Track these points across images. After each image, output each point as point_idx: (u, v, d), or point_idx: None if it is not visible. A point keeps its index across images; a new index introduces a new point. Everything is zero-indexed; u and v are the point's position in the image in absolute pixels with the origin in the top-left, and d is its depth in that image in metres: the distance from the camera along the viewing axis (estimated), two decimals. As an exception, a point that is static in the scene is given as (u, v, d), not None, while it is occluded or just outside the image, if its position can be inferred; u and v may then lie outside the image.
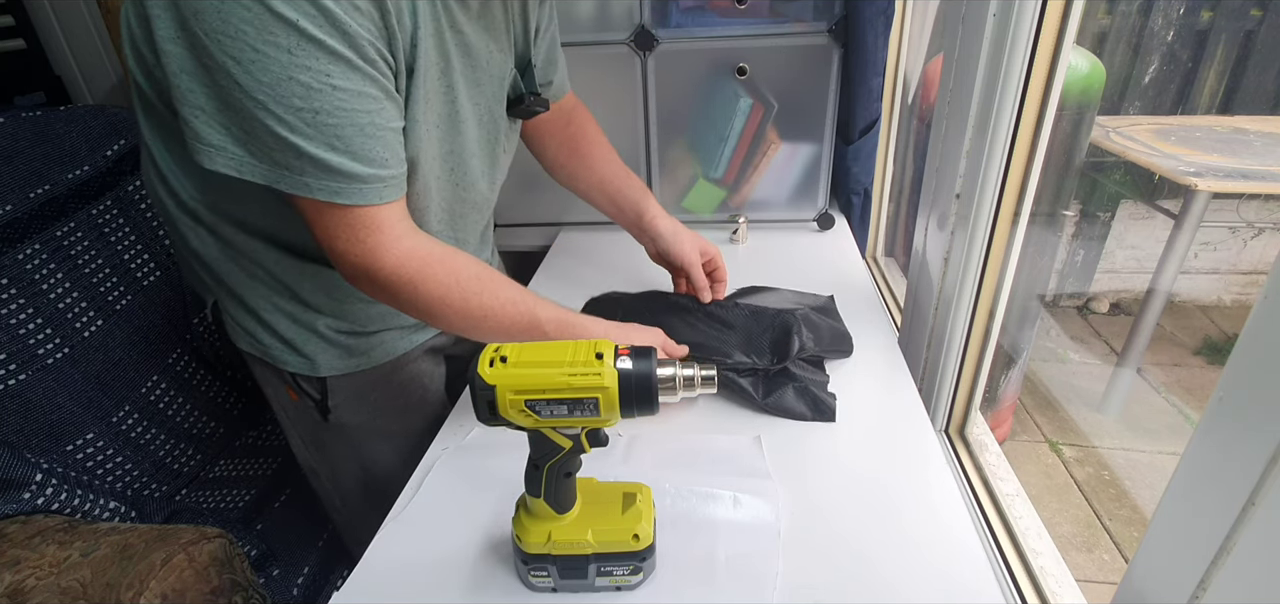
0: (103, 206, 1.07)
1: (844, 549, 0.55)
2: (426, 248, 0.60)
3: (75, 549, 0.77)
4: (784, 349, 0.76)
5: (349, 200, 0.55)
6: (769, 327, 0.81)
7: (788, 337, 0.77)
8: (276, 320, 0.71)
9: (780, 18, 1.05)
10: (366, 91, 0.52)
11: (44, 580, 0.72)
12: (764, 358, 0.76)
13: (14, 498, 0.84)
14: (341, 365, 0.74)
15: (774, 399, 0.71)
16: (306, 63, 0.49)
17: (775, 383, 0.73)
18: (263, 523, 1.07)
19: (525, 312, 0.65)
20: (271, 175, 0.53)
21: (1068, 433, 2.06)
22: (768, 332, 0.80)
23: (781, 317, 0.81)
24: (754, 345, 0.78)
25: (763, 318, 0.83)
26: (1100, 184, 2.45)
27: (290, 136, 0.51)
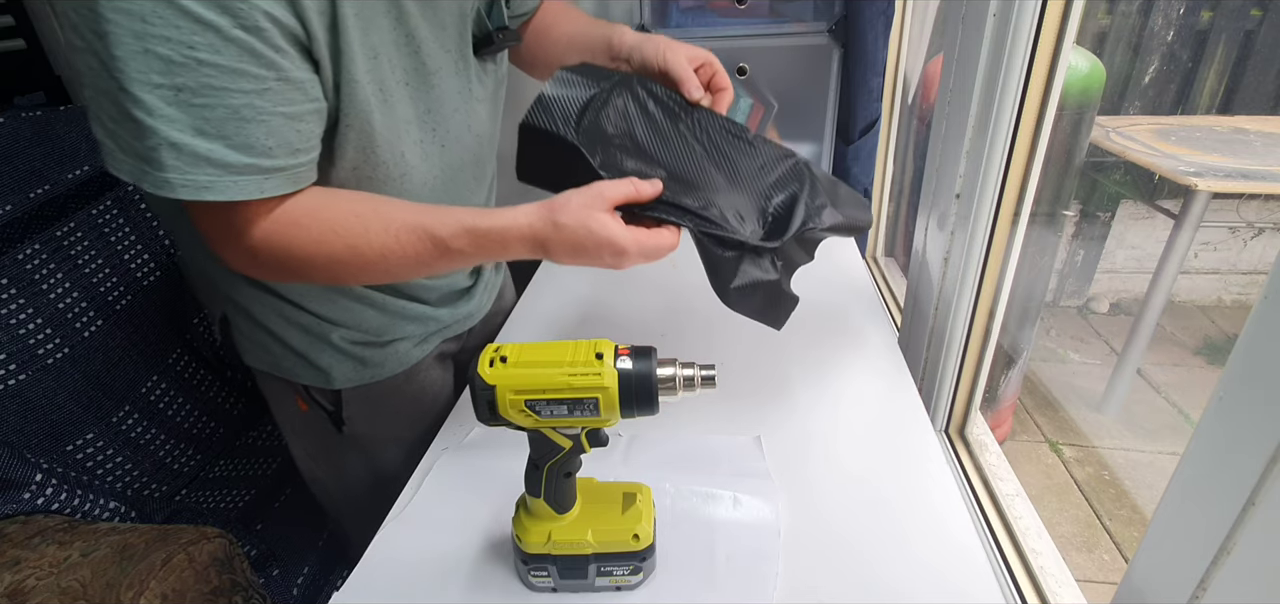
0: (103, 206, 1.07)
1: (844, 549, 0.55)
2: (290, 205, 0.52)
3: (75, 549, 0.77)
4: (784, 218, 0.59)
5: (218, 196, 0.47)
6: (772, 175, 0.63)
7: (792, 205, 0.60)
8: (288, 334, 0.68)
9: (780, 18, 1.05)
10: (244, 68, 0.45)
11: (44, 580, 0.73)
12: (752, 223, 0.60)
13: (14, 498, 0.84)
14: (356, 377, 0.72)
15: (742, 286, 0.57)
16: (164, 32, 0.42)
17: (751, 264, 0.57)
18: (263, 523, 1.07)
19: (423, 237, 0.54)
20: (135, 171, 0.46)
21: (1068, 433, 2.06)
22: (769, 179, 0.63)
23: (792, 164, 0.64)
24: (746, 197, 0.61)
25: (768, 156, 0.64)
26: (1100, 184, 2.45)
27: (148, 120, 0.43)
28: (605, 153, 0.58)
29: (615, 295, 1.00)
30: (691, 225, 0.56)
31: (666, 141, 0.62)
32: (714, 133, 0.64)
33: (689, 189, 0.59)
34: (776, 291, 0.59)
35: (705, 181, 0.60)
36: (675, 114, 0.64)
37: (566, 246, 0.54)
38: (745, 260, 0.57)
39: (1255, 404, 0.34)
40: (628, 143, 0.61)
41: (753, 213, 0.60)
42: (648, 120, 0.62)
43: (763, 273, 0.58)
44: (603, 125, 0.60)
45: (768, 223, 0.60)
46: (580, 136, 0.57)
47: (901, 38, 1.26)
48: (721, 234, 0.56)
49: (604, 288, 1.02)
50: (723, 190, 0.60)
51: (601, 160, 0.57)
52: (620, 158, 0.59)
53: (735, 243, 0.56)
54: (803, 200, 0.60)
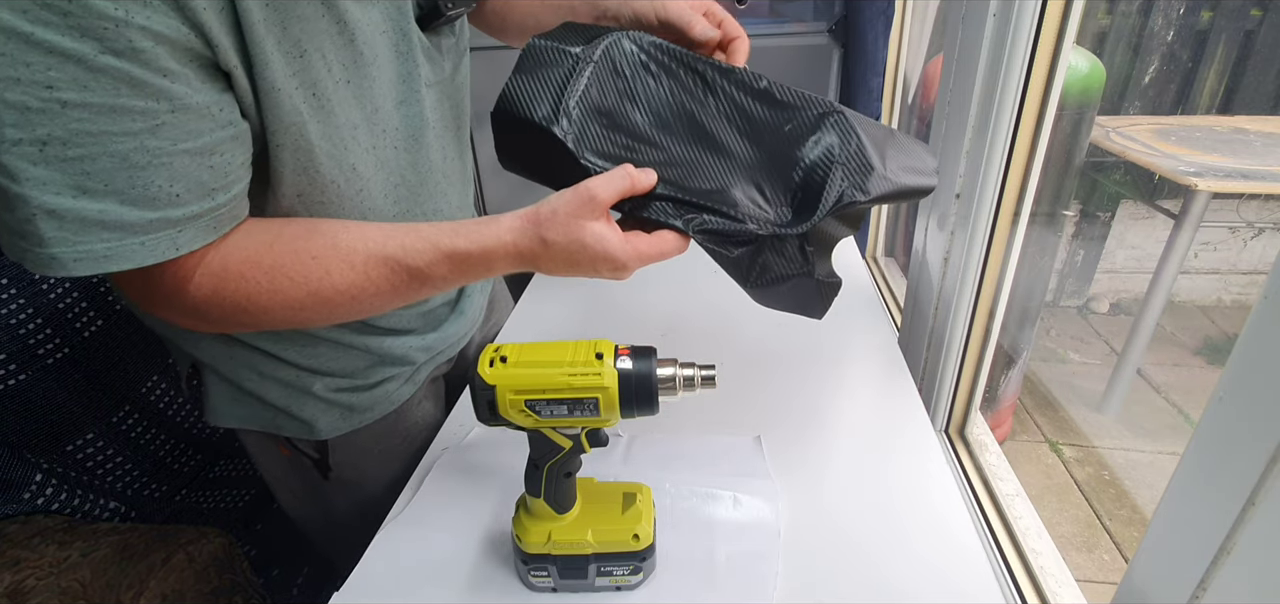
0: (103, 206, 1.07)
1: (844, 549, 0.55)
2: (225, 253, 0.44)
3: (75, 549, 0.77)
4: (815, 194, 0.48)
5: (124, 265, 0.38)
6: (805, 139, 0.50)
7: (825, 177, 0.48)
8: (265, 389, 0.60)
9: (780, 18, 1.05)
10: (124, 103, 0.35)
11: (44, 580, 0.73)
12: (778, 203, 0.50)
13: (14, 498, 0.84)
14: (343, 425, 0.65)
15: (764, 284, 0.50)
16: (11, 72, 0.33)
17: (772, 255, 0.48)
18: (263, 523, 1.07)
19: (395, 268, 0.47)
20: (15, 249, 0.37)
21: (1068, 433, 2.06)
22: (800, 145, 0.50)
23: (831, 120, 0.51)
24: (771, 172, 0.50)
25: (799, 114, 0.52)
26: (1100, 184, 2.45)
27: (12, 187, 0.35)
28: (592, 136, 0.49)
29: (615, 295, 1.00)
30: (693, 227, 0.49)
31: (668, 112, 0.51)
32: (728, 92, 0.52)
33: (696, 171, 0.49)
34: (806, 285, 0.50)
35: (717, 160, 0.50)
36: (677, 75, 0.52)
37: (557, 262, 0.48)
38: (765, 254, 0.48)
39: (1255, 404, 0.34)
40: (619, 119, 0.50)
41: (779, 190, 0.50)
42: (643, 87, 0.51)
43: (787, 266, 0.49)
44: (587, 101, 0.49)
45: (796, 200, 0.49)
46: (560, 123, 0.48)
47: (901, 38, 1.26)
48: (729, 229, 0.47)
49: (604, 287, 1.02)
50: (740, 168, 0.50)
51: (590, 147, 0.49)
52: (610, 140, 0.49)
53: (748, 236, 0.47)
54: (838, 167, 0.48)
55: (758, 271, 0.49)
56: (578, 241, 0.47)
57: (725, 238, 0.48)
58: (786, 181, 0.50)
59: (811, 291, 0.51)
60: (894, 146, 0.52)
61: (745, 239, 0.47)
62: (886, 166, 0.49)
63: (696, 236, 0.49)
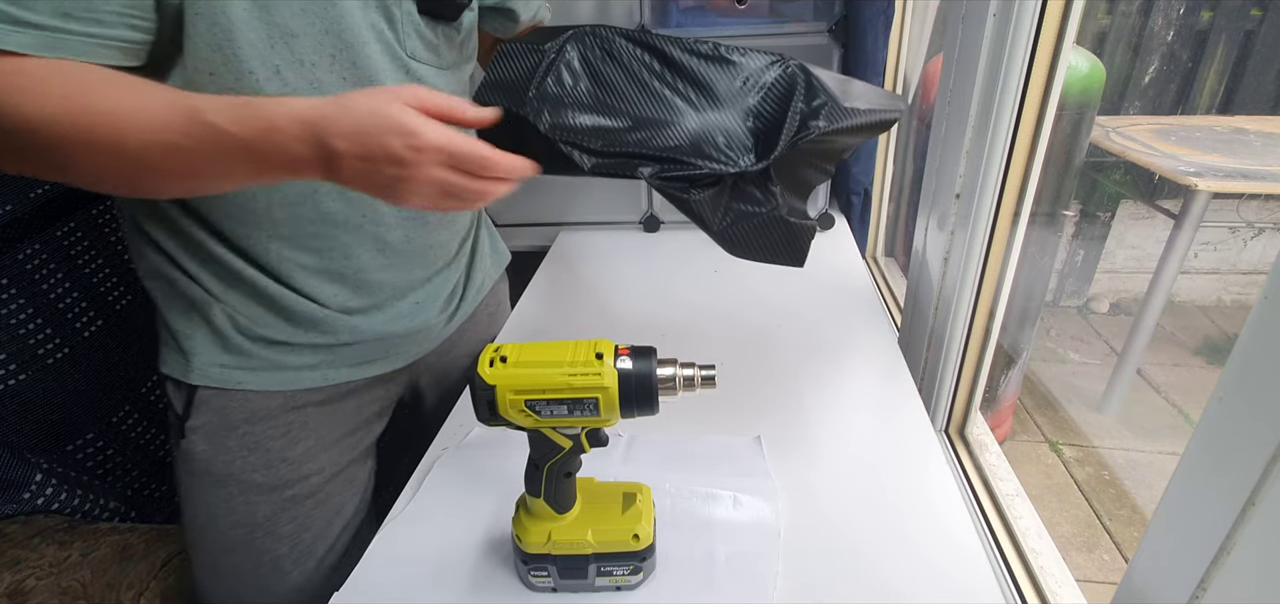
0: (102, 207, 1.07)
1: (844, 549, 0.55)
2: (38, 64, 0.41)
3: (75, 549, 0.77)
4: (773, 132, 0.49)
5: None
6: (759, 89, 0.52)
7: (782, 114, 0.49)
8: (173, 311, 0.59)
9: (780, 18, 1.05)
10: None
11: (44, 580, 0.73)
12: (739, 150, 0.50)
13: (14, 498, 0.84)
14: (220, 372, 0.58)
15: (733, 227, 0.49)
16: None
17: (741, 201, 0.49)
18: (263, 523, 1.07)
19: (180, 109, 0.42)
20: None
21: (1068, 433, 2.06)
22: (755, 95, 0.52)
23: (784, 70, 0.54)
24: (728, 122, 0.52)
25: (753, 67, 0.55)
26: (1100, 184, 2.46)
27: None
28: (556, 114, 0.51)
29: (615, 295, 1.00)
30: (656, 175, 0.49)
31: (632, 87, 0.53)
32: (686, 62, 0.54)
33: (661, 132, 0.51)
34: (774, 224, 0.49)
35: (680, 120, 0.52)
36: (638, 55, 0.55)
37: (347, 133, 0.42)
38: (730, 195, 0.48)
39: (1255, 404, 0.34)
40: (582, 98, 0.53)
41: (739, 138, 0.51)
42: (608, 69, 0.53)
43: (751, 205, 0.49)
44: (549, 89, 0.52)
45: (758, 144, 0.50)
46: (531, 106, 0.50)
47: (901, 38, 1.26)
48: (692, 173, 0.47)
49: (604, 288, 1.03)
50: (702, 125, 0.51)
51: (562, 128, 0.51)
52: (573, 115, 0.51)
53: (711, 176, 0.47)
54: (796, 104, 0.49)
55: (723, 214, 0.48)
56: (375, 109, 0.42)
57: (689, 182, 0.48)
58: (743, 130, 0.51)
59: (783, 233, 0.50)
60: (852, 86, 0.53)
61: (709, 180, 0.47)
62: (845, 98, 0.50)
63: (659, 183, 0.49)
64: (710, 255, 1.09)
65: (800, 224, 0.52)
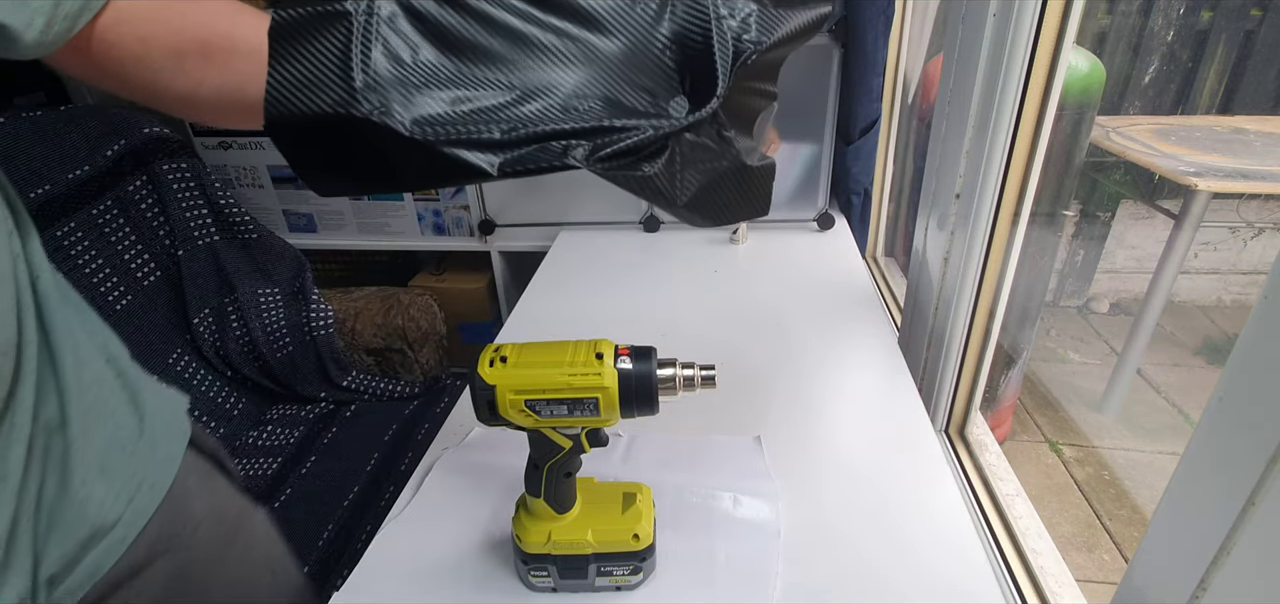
0: (103, 206, 1.07)
1: (844, 549, 0.55)
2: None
3: (75, 549, 0.77)
4: (703, 65, 0.38)
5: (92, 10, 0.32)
6: (665, 13, 0.39)
7: (706, 42, 0.37)
8: None
9: (780, 18, 1.05)
10: None
11: (44, 580, 0.72)
12: (673, 100, 0.39)
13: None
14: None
15: (693, 194, 0.40)
16: None
17: (697, 158, 0.39)
18: (263, 523, 1.07)
19: None
20: None
21: (1068, 433, 2.06)
22: (664, 23, 0.39)
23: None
24: (643, 67, 0.39)
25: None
26: (1100, 184, 2.45)
27: None
28: (410, 105, 0.35)
29: (615, 295, 1.00)
30: (593, 160, 0.36)
31: (489, 41, 0.37)
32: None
33: (560, 94, 0.37)
34: (737, 174, 0.41)
35: (583, 70, 0.38)
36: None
37: None
38: (680, 157, 0.38)
39: (1255, 404, 0.34)
40: (435, 72, 0.36)
41: (662, 81, 0.39)
42: (445, 19, 0.37)
43: (711, 159, 0.39)
44: (380, 69, 0.35)
45: (687, 82, 0.39)
46: (362, 101, 0.34)
47: (901, 38, 1.26)
48: (630, 143, 0.36)
49: (604, 288, 1.03)
50: (612, 70, 0.38)
51: (414, 115, 0.34)
52: (434, 101, 0.36)
53: (656, 142, 0.36)
54: (719, 19, 0.38)
55: (680, 182, 0.39)
56: None
57: (631, 155, 0.36)
58: (664, 68, 0.39)
59: (746, 183, 0.43)
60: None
61: (654, 147, 0.37)
62: (772, 2, 0.40)
63: (600, 166, 0.37)
64: (710, 255, 1.09)
65: (761, 166, 0.43)
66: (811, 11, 0.41)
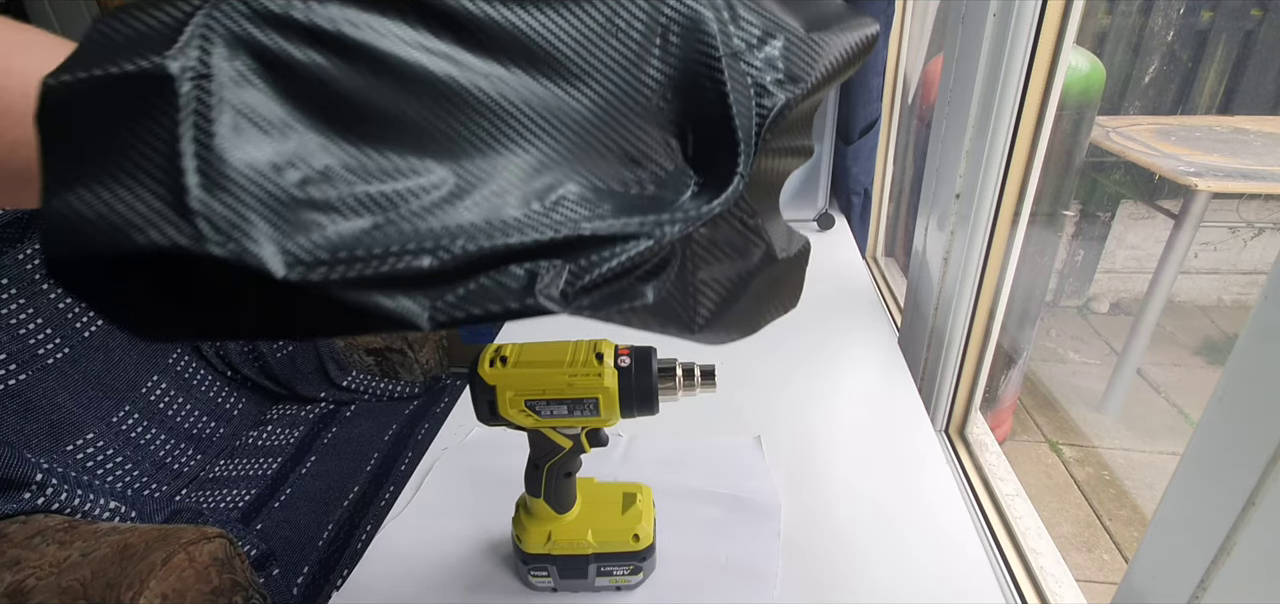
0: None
1: (844, 549, 0.55)
2: None
3: (75, 549, 0.77)
4: (716, 120, 0.25)
5: None
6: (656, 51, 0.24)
7: (722, 101, 0.24)
8: None
9: (780, 18, 1.05)
10: None
11: (44, 580, 0.73)
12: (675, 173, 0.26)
13: (14, 498, 0.84)
14: None
15: (716, 313, 0.28)
16: None
17: (705, 260, 0.27)
18: (263, 523, 1.07)
19: None
20: None
21: (1068, 433, 2.06)
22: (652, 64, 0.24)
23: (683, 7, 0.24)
24: (624, 125, 0.25)
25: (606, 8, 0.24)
26: (1100, 184, 2.45)
27: None
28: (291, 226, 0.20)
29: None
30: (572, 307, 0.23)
31: (403, 102, 0.23)
32: (489, 16, 0.23)
33: (502, 184, 0.23)
34: (771, 271, 0.31)
35: (536, 143, 0.24)
36: (383, 19, 0.22)
37: None
38: (693, 265, 0.27)
39: (1255, 404, 0.34)
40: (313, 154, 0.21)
41: (656, 145, 0.26)
42: (327, 71, 0.22)
43: (735, 264, 0.28)
44: (233, 167, 0.19)
45: (692, 147, 0.27)
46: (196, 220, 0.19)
47: (901, 38, 1.26)
48: (620, 263, 0.23)
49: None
50: (576, 138, 0.25)
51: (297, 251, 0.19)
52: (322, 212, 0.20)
53: (654, 255, 0.24)
54: (734, 55, 0.25)
55: (697, 300, 0.28)
56: None
57: (625, 276, 0.24)
58: (658, 124, 0.26)
59: (778, 279, 0.32)
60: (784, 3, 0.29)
61: (654, 262, 0.25)
62: (791, 11, 0.28)
63: (582, 309, 0.24)
64: (710, 255, 1.09)
65: (796, 253, 0.33)
66: (858, 31, 0.29)
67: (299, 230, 0.21)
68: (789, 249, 0.32)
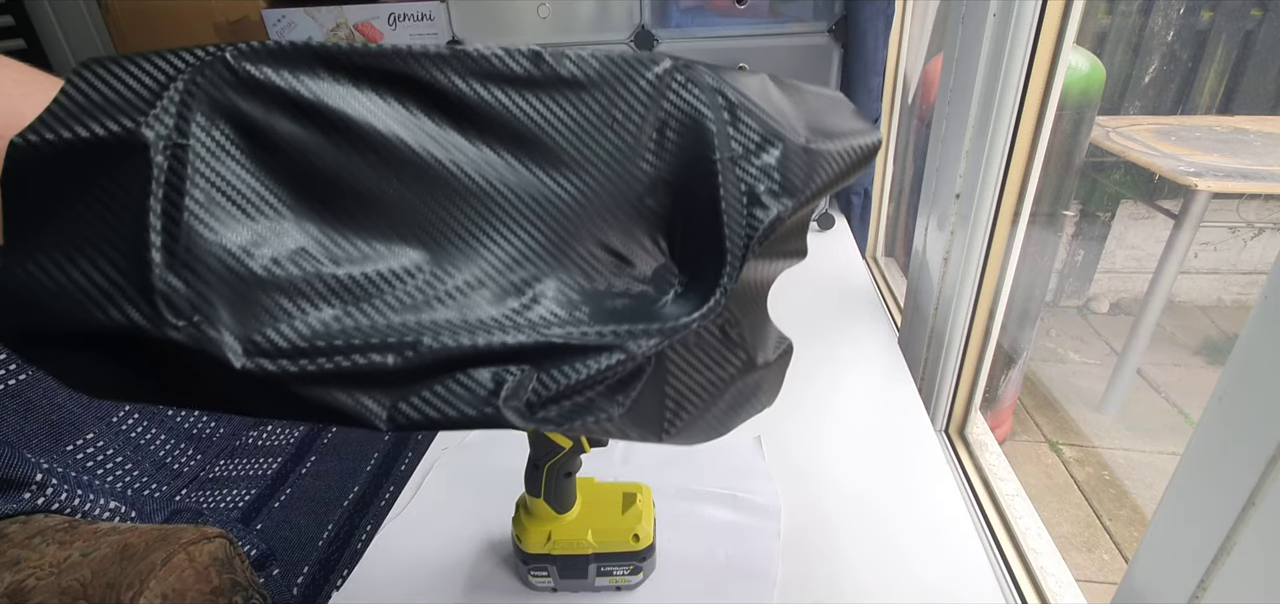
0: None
1: (844, 549, 0.55)
2: None
3: (75, 549, 0.77)
4: (705, 223, 0.24)
5: None
6: (648, 144, 0.24)
7: (713, 198, 0.23)
8: None
9: (780, 18, 1.05)
10: None
11: (44, 581, 0.73)
12: (658, 274, 0.25)
13: (14, 498, 0.84)
14: None
15: (688, 420, 0.27)
16: None
17: (689, 368, 0.26)
18: (263, 523, 1.07)
19: None
20: None
21: (1068, 433, 2.06)
22: (644, 158, 0.24)
23: (678, 82, 0.24)
24: (605, 220, 0.24)
25: (601, 101, 0.23)
26: (1100, 184, 2.45)
27: None
28: (248, 311, 0.19)
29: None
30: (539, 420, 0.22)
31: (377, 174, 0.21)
32: (479, 99, 0.22)
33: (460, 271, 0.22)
34: (748, 381, 0.29)
35: (512, 232, 0.23)
36: (363, 102, 0.21)
37: None
38: (667, 376, 0.26)
39: (1255, 404, 0.34)
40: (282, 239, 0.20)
41: (636, 240, 0.25)
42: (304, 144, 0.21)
43: (713, 372, 0.27)
44: (201, 240, 0.19)
45: (678, 248, 0.25)
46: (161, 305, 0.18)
47: (901, 38, 1.26)
48: (585, 376, 0.22)
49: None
50: (550, 238, 0.23)
51: (258, 337, 0.19)
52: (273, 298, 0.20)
53: (624, 368, 0.23)
54: (728, 164, 0.24)
55: (670, 411, 0.26)
56: None
57: (593, 391, 0.23)
58: (643, 221, 0.25)
59: (756, 384, 0.31)
60: (795, 98, 0.28)
61: (624, 374, 0.23)
62: (794, 126, 0.26)
63: (546, 423, 0.22)
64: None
65: (777, 358, 0.32)
66: (860, 139, 0.27)
67: (263, 317, 0.20)
68: (771, 355, 0.31)
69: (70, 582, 0.73)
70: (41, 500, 0.86)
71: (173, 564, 0.77)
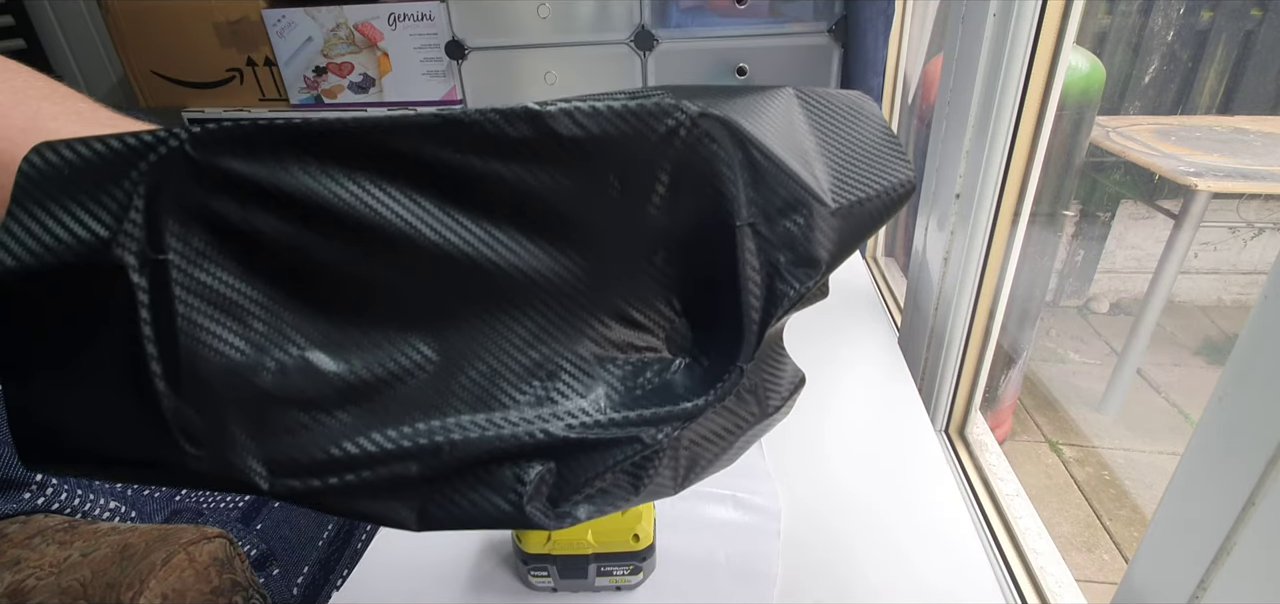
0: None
1: (844, 549, 0.55)
2: None
3: (75, 549, 0.77)
4: (725, 295, 0.23)
5: None
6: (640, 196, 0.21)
7: (733, 268, 0.22)
8: None
9: (780, 18, 1.05)
10: None
11: (44, 581, 0.73)
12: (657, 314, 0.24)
13: (14, 498, 0.84)
14: None
15: (701, 472, 0.27)
16: None
17: (707, 436, 0.26)
18: (263, 523, 1.07)
19: None
20: None
21: (1068, 433, 2.06)
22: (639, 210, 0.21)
23: (687, 139, 0.21)
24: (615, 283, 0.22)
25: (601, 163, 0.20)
26: (1100, 184, 2.46)
27: None
28: (252, 431, 0.19)
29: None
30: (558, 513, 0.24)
31: (385, 264, 0.20)
32: (480, 176, 0.20)
33: (475, 364, 0.21)
34: (758, 425, 0.30)
35: (506, 324, 0.22)
36: (359, 183, 0.19)
37: None
38: (681, 445, 0.25)
39: (1255, 404, 0.34)
40: (288, 347, 0.19)
41: (650, 312, 0.24)
42: (301, 237, 0.19)
43: (730, 423, 0.26)
44: (192, 357, 0.18)
45: (692, 306, 0.24)
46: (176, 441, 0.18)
47: (901, 38, 1.26)
48: (604, 467, 0.24)
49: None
50: (561, 322, 0.22)
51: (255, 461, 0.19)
52: (289, 414, 0.19)
53: (636, 453, 0.23)
54: (757, 237, 0.22)
55: (684, 470, 0.26)
56: None
57: (614, 475, 0.24)
58: (662, 284, 0.23)
59: (768, 424, 0.31)
60: (818, 121, 0.26)
61: (644, 455, 0.23)
62: (818, 178, 0.23)
63: (568, 518, 0.25)
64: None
65: (788, 400, 0.33)
66: (892, 177, 0.25)
67: (281, 433, 0.19)
68: (785, 394, 0.30)
69: (70, 582, 0.73)
70: (41, 500, 0.86)
71: (173, 564, 0.77)
